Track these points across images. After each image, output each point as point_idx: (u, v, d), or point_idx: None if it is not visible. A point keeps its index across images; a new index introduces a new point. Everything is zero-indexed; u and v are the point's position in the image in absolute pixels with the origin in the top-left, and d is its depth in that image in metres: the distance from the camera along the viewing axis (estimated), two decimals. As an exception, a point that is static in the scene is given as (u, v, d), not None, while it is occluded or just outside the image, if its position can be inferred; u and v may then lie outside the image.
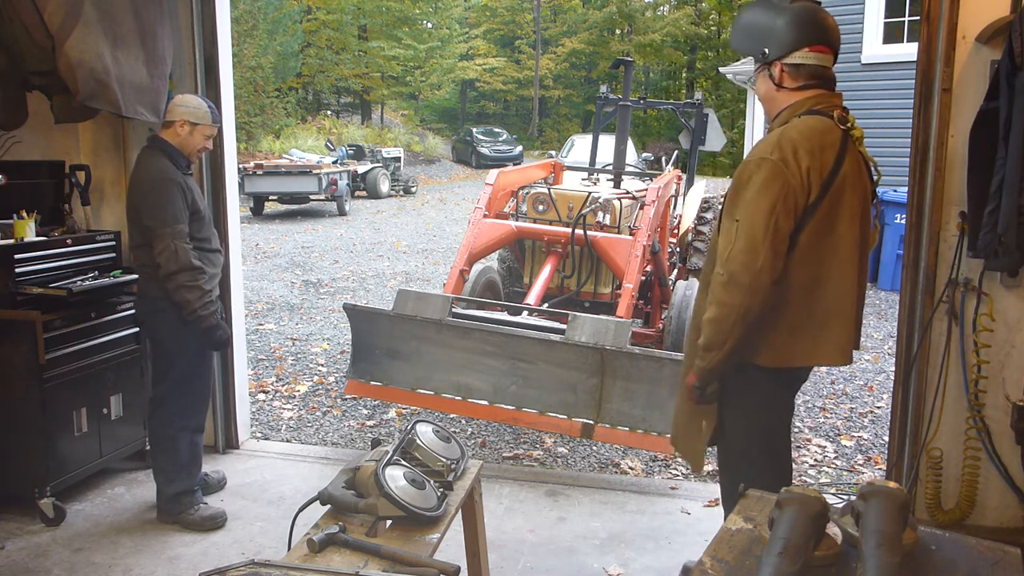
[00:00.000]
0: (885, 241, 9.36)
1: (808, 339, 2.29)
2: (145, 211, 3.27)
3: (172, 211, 3.25)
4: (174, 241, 3.23)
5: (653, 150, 18.20)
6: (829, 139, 2.26)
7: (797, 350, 2.30)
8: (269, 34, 23.07)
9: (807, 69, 2.34)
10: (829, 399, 5.60)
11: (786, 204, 2.19)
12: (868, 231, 2.36)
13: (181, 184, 3.32)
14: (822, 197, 2.22)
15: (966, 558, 1.61)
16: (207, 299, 3.33)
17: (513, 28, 38.41)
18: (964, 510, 3.31)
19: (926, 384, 3.39)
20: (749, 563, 1.55)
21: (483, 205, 4.91)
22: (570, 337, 3.59)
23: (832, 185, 2.23)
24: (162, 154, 3.36)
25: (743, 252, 2.20)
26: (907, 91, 3.83)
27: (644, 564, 3.26)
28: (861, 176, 2.31)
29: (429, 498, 2.22)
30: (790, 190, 2.19)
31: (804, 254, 2.25)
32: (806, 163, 2.20)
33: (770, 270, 2.20)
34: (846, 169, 2.25)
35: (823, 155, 2.22)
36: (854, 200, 2.27)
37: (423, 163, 28.04)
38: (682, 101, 8.28)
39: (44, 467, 3.46)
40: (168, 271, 3.23)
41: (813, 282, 2.26)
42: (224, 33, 4.16)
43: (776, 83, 2.37)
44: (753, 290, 2.20)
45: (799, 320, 2.28)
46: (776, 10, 2.35)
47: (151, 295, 3.38)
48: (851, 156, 2.28)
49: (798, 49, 2.32)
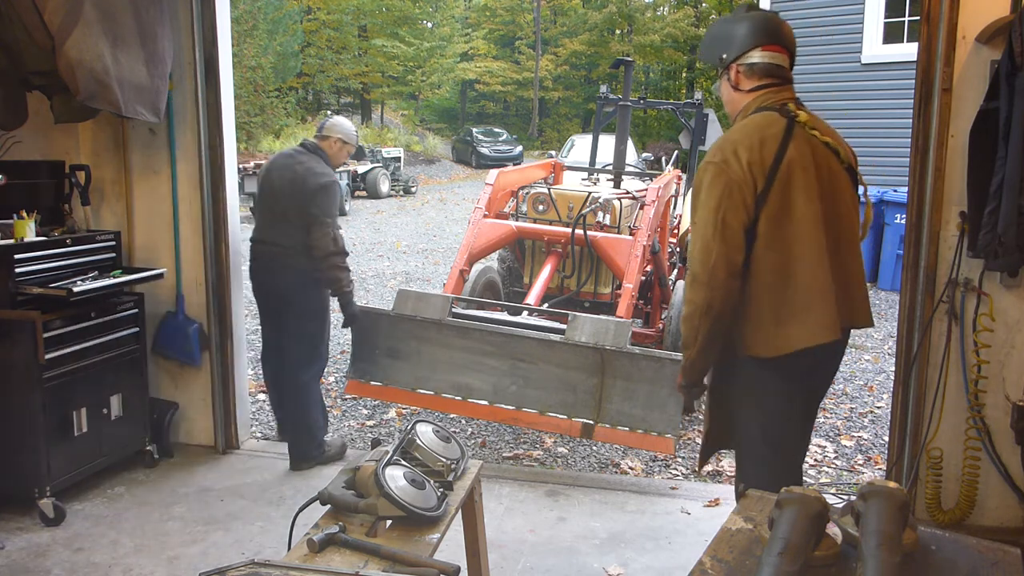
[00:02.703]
0: (885, 241, 9.35)
1: (795, 323, 2.34)
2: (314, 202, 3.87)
3: (336, 206, 3.99)
4: (335, 230, 3.89)
5: (653, 150, 18.20)
6: (770, 131, 2.34)
7: (787, 336, 2.34)
8: (269, 34, 23.06)
9: (761, 67, 2.43)
10: (829, 399, 5.60)
11: (732, 200, 2.29)
12: (841, 206, 2.41)
13: (340, 184, 4.12)
14: (770, 185, 2.31)
15: (966, 558, 1.61)
16: (351, 278, 4.02)
17: (513, 29, 38.41)
18: (964, 510, 3.31)
19: (926, 384, 3.39)
20: (749, 563, 1.55)
21: (483, 205, 4.91)
22: (570, 337, 3.59)
23: (778, 171, 2.31)
24: (322, 160, 4.04)
25: (699, 251, 2.34)
26: (907, 91, 3.83)
27: (644, 564, 3.26)
28: (816, 156, 2.37)
29: (429, 498, 2.22)
30: (734, 186, 2.29)
31: (768, 242, 2.32)
32: (746, 158, 2.30)
33: (724, 264, 2.29)
34: (791, 154, 2.32)
35: (763, 147, 2.32)
36: (808, 180, 2.33)
37: (423, 163, 28.05)
38: (682, 101, 8.28)
39: (44, 467, 3.46)
40: (327, 252, 3.85)
41: (784, 268, 2.33)
42: (224, 33, 4.16)
43: (733, 85, 2.48)
44: (711, 286, 2.30)
45: (781, 307, 2.34)
46: (734, 20, 2.51)
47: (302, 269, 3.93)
48: (797, 141, 2.34)
49: (752, 50, 2.43)
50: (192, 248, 4.22)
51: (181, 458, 4.24)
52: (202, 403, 4.34)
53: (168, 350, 4.27)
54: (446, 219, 15.87)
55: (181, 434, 4.37)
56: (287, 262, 3.94)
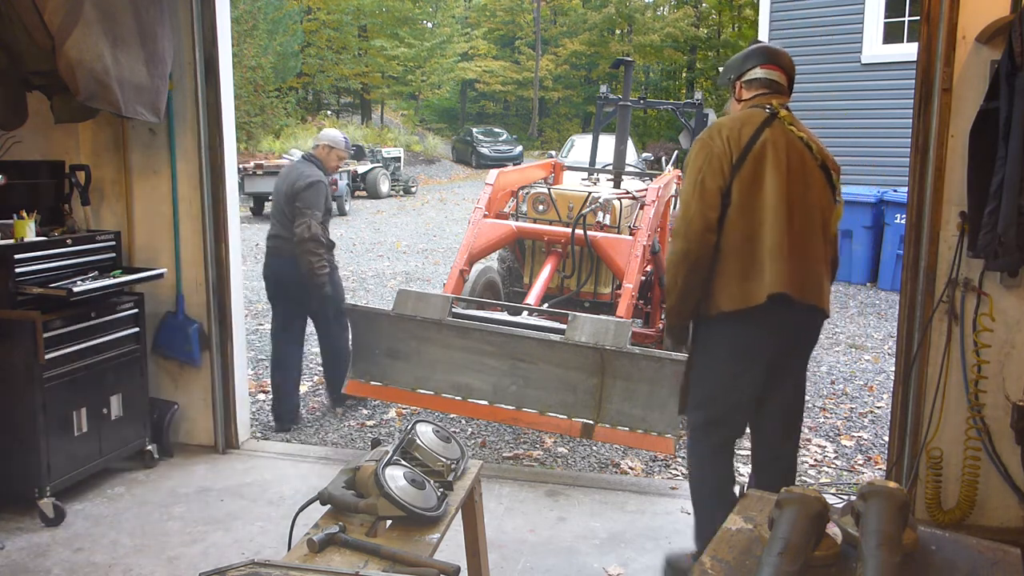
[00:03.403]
0: (885, 241, 9.36)
1: (756, 279, 2.68)
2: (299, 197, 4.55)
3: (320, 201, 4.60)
4: (313, 220, 4.50)
5: (653, 150, 18.20)
6: (751, 119, 2.77)
7: (750, 289, 2.69)
8: (269, 34, 23.06)
9: (758, 82, 2.90)
10: (829, 399, 5.60)
11: (711, 166, 2.72)
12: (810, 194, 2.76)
13: (325, 183, 4.68)
14: (744, 157, 2.71)
15: (966, 558, 1.61)
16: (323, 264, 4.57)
17: (513, 28, 38.41)
18: (964, 510, 3.31)
19: (926, 384, 3.39)
20: (749, 563, 1.55)
21: (483, 205, 4.90)
22: (570, 337, 3.59)
23: (753, 147, 2.71)
24: (315, 166, 4.73)
25: (681, 209, 2.79)
26: (907, 91, 3.83)
27: (644, 564, 3.26)
28: (789, 144, 2.76)
29: (429, 498, 2.22)
30: (713, 155, 2.73)
31: (739, 207, 2.71)
32: (726, 134, 2.75)
33: (701, 219, 2.71)
34: (766, 136, 2.73)
35: (743, 128, 2.75)
36: (778, 159, 2.71)
37: (423, 163, 28.04)
38: (682, 101, 8.28)
39: (44, 467, 3.46)
40: (302, 238, 4.48)
41: (751, 231, 2.70)
42: (224, 33, 4.16)
43: (737, 98, 2.96)
44: (688, 237, 2.73)
45: (746, 266, 2.70)
46: (744, 52, 3.01)
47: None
48: (775, 129, 2.75)
49: (752, 68, 2.91)
50: (192, 248, 4.22)
51: (181, 458, 4.24)
52: (202, 403, 4.34)
53: (168, 350, 4.27)
54: (446, 219, 15.87)
55: (181, 434, 4.37)
56: (292, 253, 4.58)
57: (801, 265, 2.70)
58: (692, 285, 2.77)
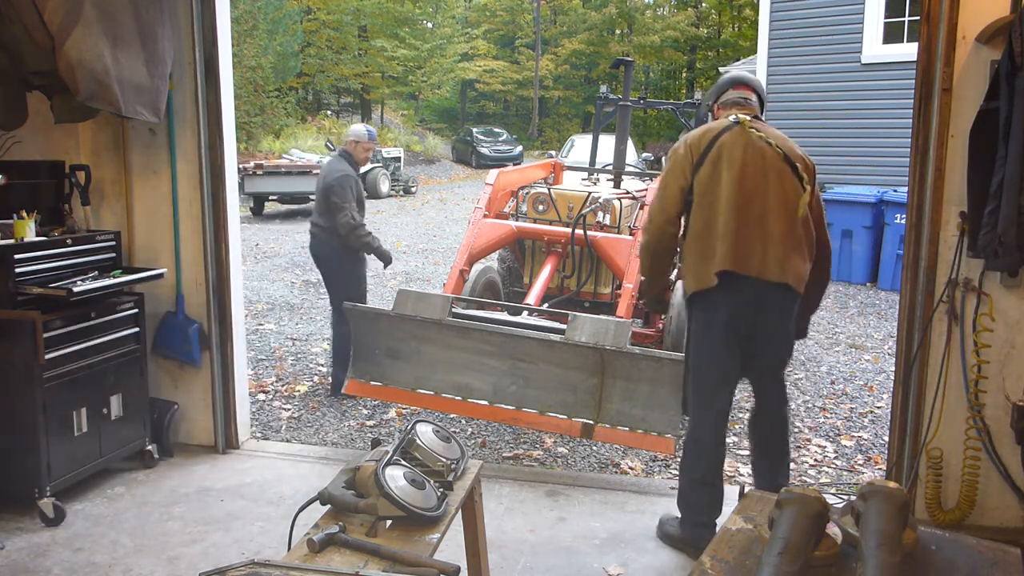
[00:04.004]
0: (885, 241, 9.36)
1: (711, 261, 3.11)
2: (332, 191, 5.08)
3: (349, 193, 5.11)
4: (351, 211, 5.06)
5: (653, 150, 18.20)
6: (713, 128, 3.23)
7: (707, 270, 3.11)
8: (269, 34, 23.05)
9: (730, 101, 3.39)
10: (829, 399, 5.60)
11: (673, 170, 3.23)
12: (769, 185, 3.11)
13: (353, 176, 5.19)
14: (703, 159, 3.15)
15: (966, 558, 1.61)
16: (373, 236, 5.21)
17: (513, 28, 38.41)
18: (964, 510, 3.31)
19: (926, 384, 3.39)
20: (749, 563, 1.55)
21: (483, 205, 4.91)
22: (570, 337, 3.59)
23: (711, 150, 3.15)
24: (346, 161, 5.23)
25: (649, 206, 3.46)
26: (907, 91, 3.83)
27: (644, 564, 3.26)
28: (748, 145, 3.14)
29: (429, 498, 2.22)
30: (677, 161, 3.23)
31: (699, 203, 3.16)
32: (689, 142, 3.23)
33: (660, 213, 3.26)
34: (724, 140, 3.15)
35: (703, 136, 3.21)
36: (733, 159, 3.11)
37: (423, 163, 28.04)
38: (682, 101, 8.28)
39: (44, 467, 3.46)
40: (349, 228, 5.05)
41: (707, 222, 3.13)
42: (224, 33, 4.16)
43: (715, 118, 3.41)
44: (649, 230, 3.32)
45: (704, 251, 3.14)
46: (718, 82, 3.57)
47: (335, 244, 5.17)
48: (733, 133, 3.17)
49: (726, 92, 3.44)
50: (192, 248, 4.22)
51: (181, 458, 4.24)
52: (202, 403, 4.34)
53: (168, 350, 4.27)
54: (446, 219, 15.87)
55: (181, 434, 4.37)
56: (326, 239, 5.18)
57: (753, 245, 3.08)
58: (657, 268, 3.41)
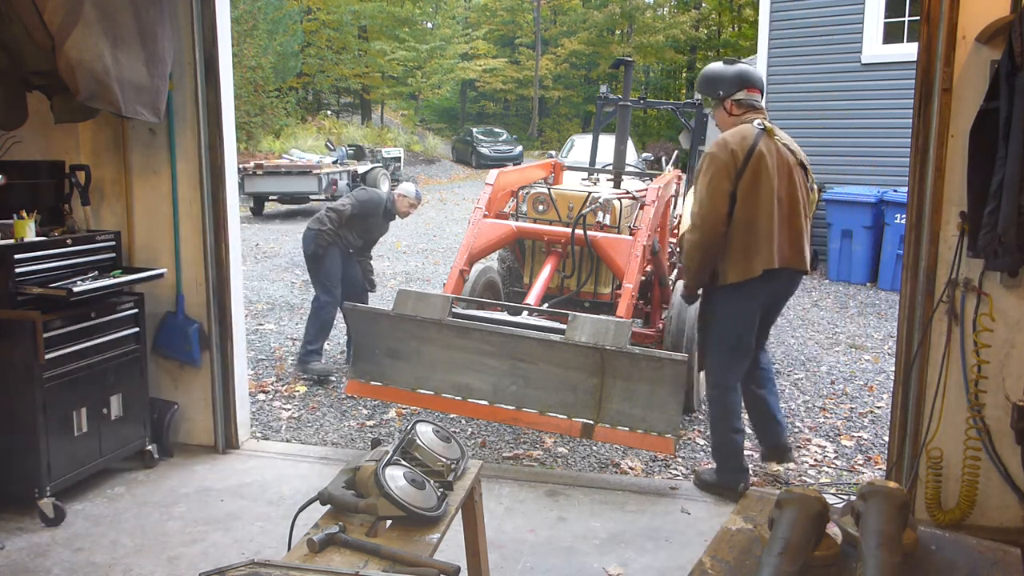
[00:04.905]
0: (885, 241, 9.35)
1: (753, 257, 3.61)
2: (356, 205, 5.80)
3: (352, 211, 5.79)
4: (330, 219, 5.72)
5: (653, 150, 18.20)
6: (748, 134, 3.63)
7: (750, 264, 3.62)
8: (269, 34, 23.05)
9: (745, 102, 3.80)
10: (829, 399, 5.60)
11: (719, 175, 3.59)
12: (792, 187, 3.67)
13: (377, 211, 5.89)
14: (745, 165, 3.57)
15: (966, 558, 1.61)
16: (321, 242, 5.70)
17: (513, 28, 38.40)
18: (964, 510, 3.31)
19: (926, 384, 3.39)
20: (749, 563, 1.55)
21: (483, 205, 4.90)
22: (570, 337, 3.59)
23: (751, 157, 3.57)
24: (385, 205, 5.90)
25: (697, 206, 3.66)
26: (907, 91, 3.83)
27: (644, 564, 3.26)
28: (777, 152, 3.65)
29: (429, 498, 2.22)
30: (722, 164, 3.59)
31: (742, 204, 3.59)
32: (731, 147, 3.60)
33: (713, 214, 3.59)
34: (760, 148, 3.60)
35: (742, 142, 3.61)
36: (770, 166, 3.60)
37: (423, 163, 28.03)
38: (682, 101, 8.27)
39: (44, 467, 3.46)
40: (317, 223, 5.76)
41: (750, 222, 3.59)
42: (224, 33, 4.16)
43: (728, 112, 3.83)
44: (703, 229, 3.63)
45: (746, 247, 3.61)
46: (724, 68, 3.91)
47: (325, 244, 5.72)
48: (765, 141, 3.63)
49: (740, 90, 3.80)
50: (192, 248, 4.22)
51: (181, 458, 4.24)
52: (202, 403, 4.34)
53: (168, 350, 4.27)
54: (446, 219, 15.87)
55: (181, 434, 4.37)
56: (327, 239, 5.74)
57: (785, 242, 3.66)
58: (706, 264, 3.71)
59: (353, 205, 5.74)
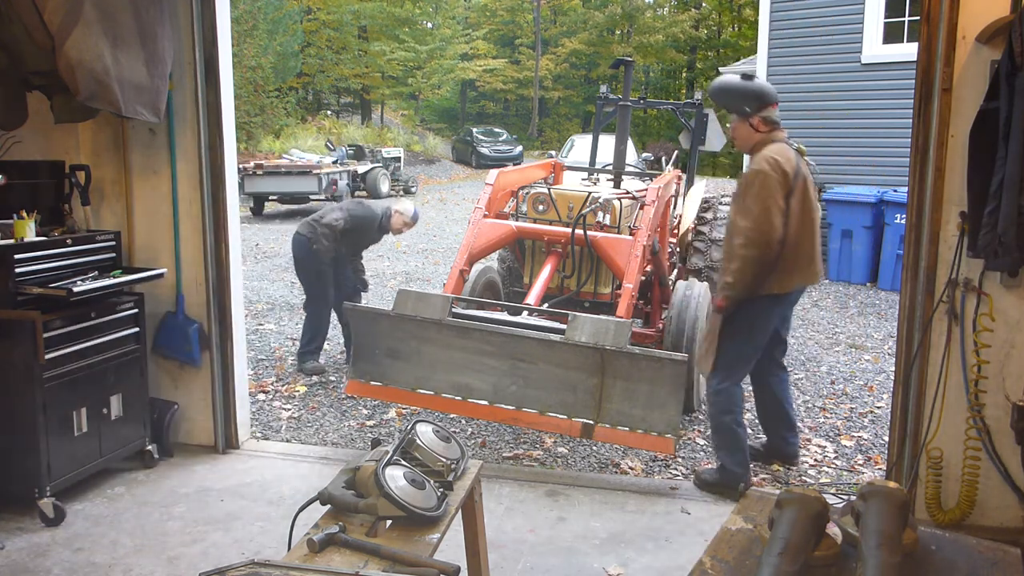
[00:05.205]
0: (885, 241, 9.35)
1: (799, 271, 3.84)
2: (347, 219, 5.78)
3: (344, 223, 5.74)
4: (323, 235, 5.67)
5: (653, 150, 18.16)
6: (789, 157, 3.80)
7: (791, 278, 3.85)
8: (269, 34, 23.05)
9: (771, 119, 3.92)
10: (829, 399, 5.60)
11: (773, 196, 3.69)
12: (816, 200, 3.92)
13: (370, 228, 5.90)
14: (794, 185, 3.74)
15: (966, 558, 1.61)
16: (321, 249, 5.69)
17: (513, 28, 38.40)
18: (964, 510, 3.31)
19: (926, 384, 3.39)
20: (749, 563, 1.55)
21: (483, 205, 4.90)
22: (570, 337, 3.59)
23: (798, 178, 3.76)
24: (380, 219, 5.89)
25: (754, 223, 3.67)
26: (907, 91, 3.84)
27: (644, 564, 3.26)
28: (808, 172, 3.88)
29: (429, 498, 2.22)
30: (776, 183, 3.70)
31: (791, 223, 3.74)
32: (783, 168, 3.72)
33: (773, 232, 3.67)
34: (802, 170, 3.82)
35: (790, 163, 3.76)
36: (809, 184, 3.84)
37: (423, 163, 28.03)
38: (682, 101, 8.27)
39: (44, 467, 3.46)
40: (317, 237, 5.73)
41: (797, 238, 3.78)
42: (224, 33, 4.16)
43: (754, 128, 3.91)
44: (759, 245, 3.68)
45: (793, 261, 3.80)
46: (748, 84, 4.01)
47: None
48: (803, 163, 3.86)
49: (768, 107, 3.90)
50: (192, 248, 4.22)
51: (181, 458, 4.24)
52: (202, 403, 4.34)
53: (168, 350, 4.27)
54: (446, 219, 15.87)
55: (181, 434, 4.38)
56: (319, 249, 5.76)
57: (815, 260, 3.89)
58: (760, 279, 3.75)
59: (346, 220, 5.70)
